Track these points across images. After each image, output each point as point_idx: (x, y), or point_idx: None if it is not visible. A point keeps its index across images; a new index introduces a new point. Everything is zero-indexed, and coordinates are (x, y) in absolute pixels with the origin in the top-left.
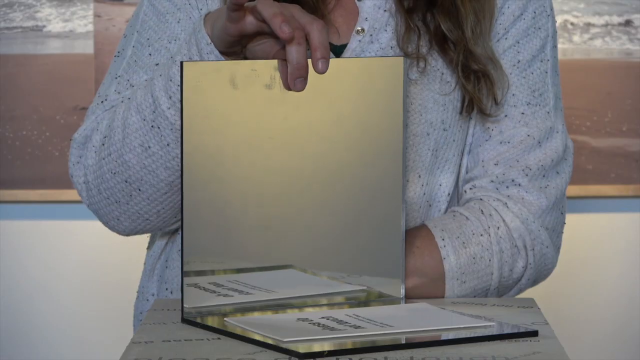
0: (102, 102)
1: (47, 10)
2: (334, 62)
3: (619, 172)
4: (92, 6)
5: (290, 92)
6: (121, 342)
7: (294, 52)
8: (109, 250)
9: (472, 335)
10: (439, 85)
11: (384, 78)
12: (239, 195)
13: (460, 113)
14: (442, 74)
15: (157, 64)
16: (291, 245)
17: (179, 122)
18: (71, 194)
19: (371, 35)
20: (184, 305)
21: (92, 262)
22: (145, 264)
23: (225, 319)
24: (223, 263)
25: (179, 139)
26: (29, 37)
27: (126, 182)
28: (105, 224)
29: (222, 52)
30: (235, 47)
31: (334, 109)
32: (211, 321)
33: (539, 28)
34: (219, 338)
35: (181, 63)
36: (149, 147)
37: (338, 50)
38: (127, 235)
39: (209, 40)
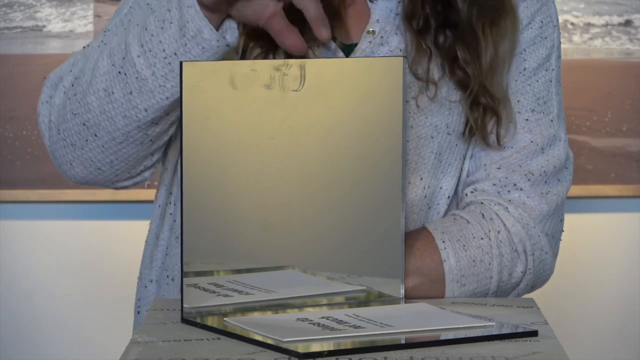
0: (83, 48)
1: (47, 10)
2: (334, 62)
3: (619, 172)
4: (92, 6)
5: (290, 92)
6: (121, 342)
7: (311, 6)
8: (108, 250)
9: (471, 335)
10: (446, 89)
11: (384, 78)
12: (239, 196)
13: (463, 134)
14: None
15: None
16: (291, 246)
17: (145, 72)
18: (71, 194)
19: (382, 37)
20: (184, 305)
21: (92, 262)
22: (144, 250)
23: (225, 319)
24: (223, 263)
25: (142, 90)
26: (29, 37)
27: (84, 125)
28: (59, 167)
29: (205, 7)
30: (222, 4)
31: (333, 109)
32: (211, 321)
33: (545, 38)
34: (218, 338)
35: (181, 63)
36: (112, 92)
37: (348, 50)
38: (78, 182)
39: None
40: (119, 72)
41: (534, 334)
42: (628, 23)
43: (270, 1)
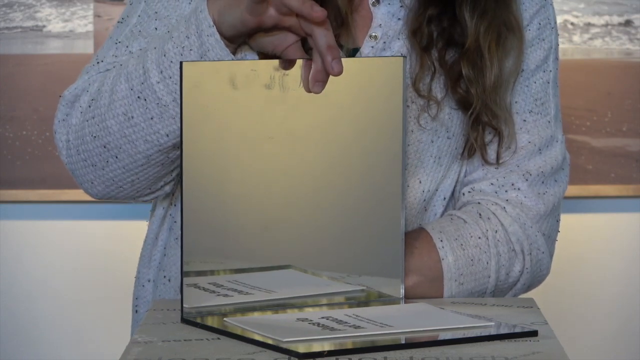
0: (97, 63)
1: (47, 10)
2: None
3: (619, 172)
4: (92, 6)
5: (290, 92)
6: (121, 342)
7: (322, 35)
8: (109, 251)
9: (471, 335)
10: (448, 110)
11: (384, 78)
12: (239, 195)
13: (462, 154)
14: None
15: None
16: (291, 245)
17: (166, 99)
18: (71, 194)
19: (384, 42)
20: (184, 305)
21: (92, 262)
22: (142, 249)
23: (225, 319)
24: (223, 263)
25: (164, 116)
26: (29, 37)
27: (105, 147)
28: (80, 185)
29: (225, 37)
30: (242, 37)
31: (333, 109)
32: (211, 321)
33: (543, 39)
34: (218, 338)
35: (181, 63)
36: (132, 117)
37: (351, 54)
38: (100, 199)
39: (211, 23)
40: (138, 97)
41: (533, 334)
42: (628, 23)
43: (288, 34)
